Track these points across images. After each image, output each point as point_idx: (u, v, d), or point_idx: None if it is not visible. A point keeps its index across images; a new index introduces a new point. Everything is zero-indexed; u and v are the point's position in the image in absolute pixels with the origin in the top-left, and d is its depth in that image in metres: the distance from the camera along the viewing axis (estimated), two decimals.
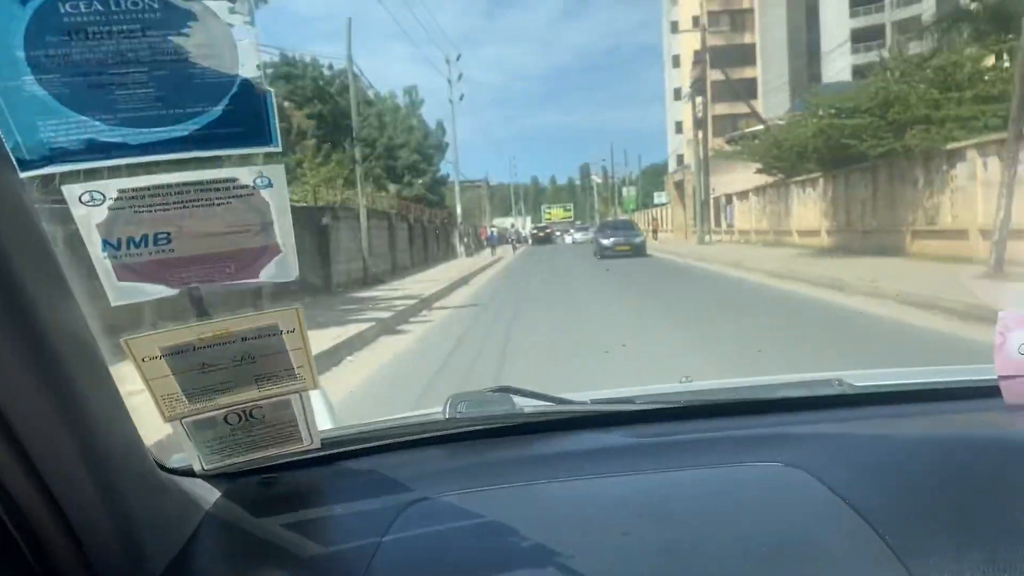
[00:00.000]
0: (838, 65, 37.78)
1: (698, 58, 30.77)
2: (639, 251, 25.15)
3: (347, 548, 0.82)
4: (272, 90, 0.61)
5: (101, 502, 0.69)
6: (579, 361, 6.30)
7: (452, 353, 7.14)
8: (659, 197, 54.74)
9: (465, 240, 35.46)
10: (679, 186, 41.35)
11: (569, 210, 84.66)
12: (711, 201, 31.69)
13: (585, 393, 1.28)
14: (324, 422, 1.19)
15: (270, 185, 0.69)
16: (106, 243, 0.67)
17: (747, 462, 0.98)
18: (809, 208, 21.95)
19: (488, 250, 35.82)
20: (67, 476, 0.65)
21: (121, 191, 0.64)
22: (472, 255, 34.22)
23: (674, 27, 54.85)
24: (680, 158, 52.94)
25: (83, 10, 0.52)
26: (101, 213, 0.65)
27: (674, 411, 1.14)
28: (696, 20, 36.69)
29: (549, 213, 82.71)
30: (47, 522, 0.67)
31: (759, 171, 23.82)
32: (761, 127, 25.82)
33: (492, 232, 40.61)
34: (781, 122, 22.49)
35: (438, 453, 1.07)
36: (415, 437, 1.09)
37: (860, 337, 7.20)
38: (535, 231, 59.22)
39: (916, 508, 0.83)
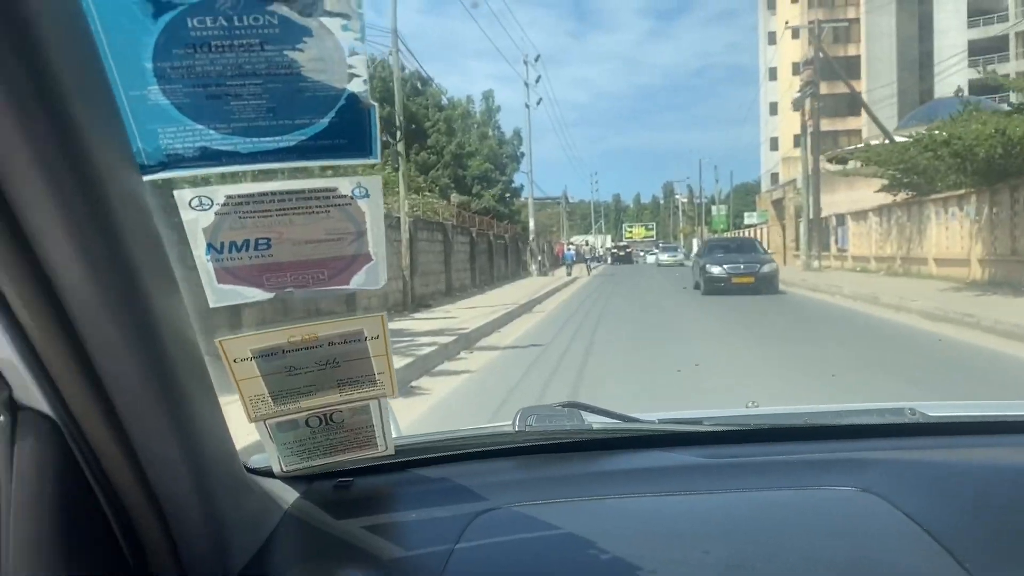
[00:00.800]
0: (954, 79, 35.86)
1: (804, 65, 29.18)
2: (767, 285, 17.14)
3: (422, 553, 0.85)
4: (375, 104, 0.64)
5: (196, 500, 0.74)
6: None
7: None
8: (750, 217, 53.07)
9: (539, 258, 34.37)
10: (777, 204, 39.78)
11: (651, 229, 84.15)
12: (819, 221, 28.04)
13: (652, 413, 1.32)
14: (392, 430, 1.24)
15: (367, 195, 0.73)
16: (210, 246, 0.72)
17: (820, 485, 1.00)
18: (952, 231, 18.25)
19: (564, 269, 34.89)
20: (170, 476, 0.71)
21: (228, 197, 0.69)
22: (546, 274, 33.39)
23: (771, 38, 53.77)
24: (775, 176, 51.50)
25: (209, 25, 0.57)
26: (208, 218, 0.70)
27: (743, 433, 1.18)
28: (795, 31, 35.63)
29: (630, 231, 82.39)
30: (147, 518, 0.73)
31: (883, 188, 20.81)
32: (876, 141, 22.72)
33: (569, 250, 39.55)
34: (905, 137, 18.09)
35: (507, 465, 1.12)
36: (485, 448, 1.13)
37: None
38: (615, 249, 58.67)
39: (993, 534, 0.85)
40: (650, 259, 54.46)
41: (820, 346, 8.90)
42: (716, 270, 17.37)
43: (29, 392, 0.65)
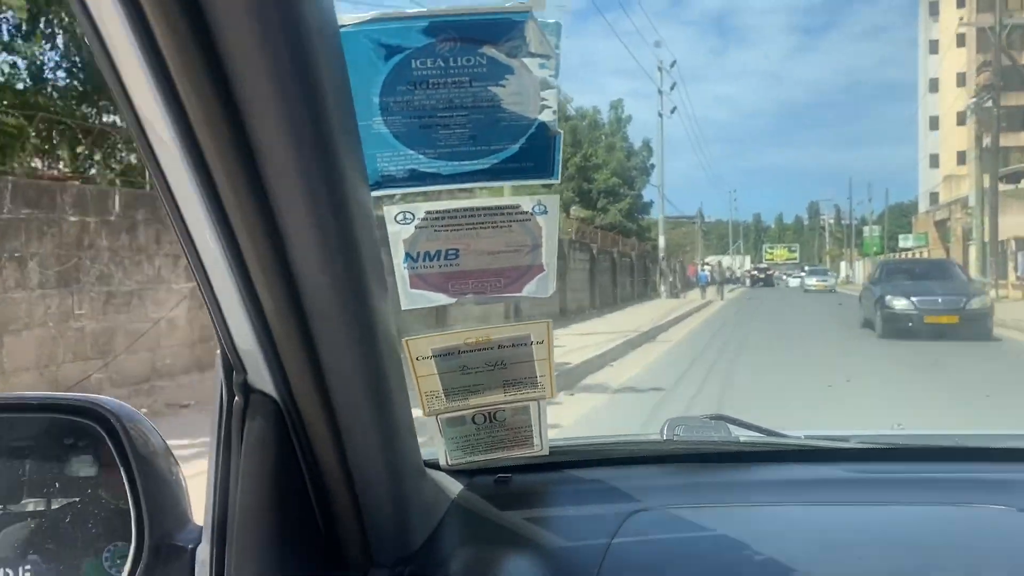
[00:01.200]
0: None
1: (981, 68, 26.62)
2: (977, 327, 12.71)
3: (581, 545, 0.93)
4: (561, 132, 0.73)
5: (386, 484, 0.85)
6: None
7: None
8: (905, 240, 49.34)
9: (670, 279, 33.01)
10: (940, 226, 36.72)
11: (794, 251, 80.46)
12: (997, 245, 24.79)
13: (798, 431, 1.34)
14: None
15: (545, 212, 0.82)
16: (407, 256, 0.83)
17: (973, 503, 1.01)
18: None
19: (696, 291, 33.19)
20: (367, 461, 0.82)
21: (428, 212, 0.80)
22: (676, 296, 32.02)
23: (932, 47, 50.36)
24: (934, 196, 47.79)
25: (429, 66, 0.67)
26: (408, 231, 0.81)
27: (891, 451, 1.18)
28: (961, 38, 33.03)
29: (771, 253, 79.10)
30: (342, 496, 0.84)
31: None
32: None
33: (703, 271, 37.13)
34: None
35: (654, 471, 1.20)
36: (634, 454, 1.20)
37: None
38: (755, 271, 56.46)
39: None
40: (793, 283, 51.40)
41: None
42: (900, 304, 13.09)
43: (261, 377, 0.78)
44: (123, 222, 7.52)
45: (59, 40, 9.50)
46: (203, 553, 0.82)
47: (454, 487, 1.10)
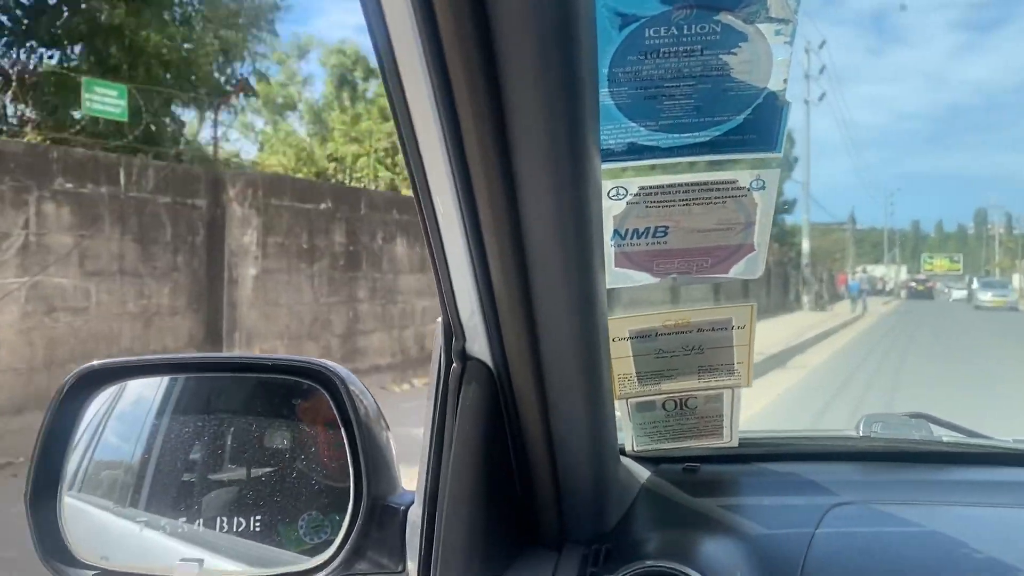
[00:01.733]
0: None
1: None
2: None
3: (782, 534, 0.91)
4: (790, 102, 0.72)
5: (586, 463, 0.87)
6: None
7: None
8: None
9: (815, 288, 30.04)
10: None
11: (957, 261, 73.72)
12: None
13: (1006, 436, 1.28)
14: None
15: (763, 187, 0.81)
16: (616, 232, 0.85)
17: None
18: None
19: (848, 303, 29.11)
20: (571, 437, 0.84)
21: (641, 188, 0.81)
22: (823, 308, 29.22)
23: None
24: None
25: (662, 34, 0.68)
26: (620, 206, 0.82)
27: None
28: None
29: (931, 263, 72.94)
30: (543, 470, 0.87)
31: None
32: None
33: (854, 280, 32.97)
34: None
35: (851, 467, 1.17)
36: (828, 450, 1.16)
37: None
38: (912, 283, 52.33)
39: None
40: (956, 295, 47.31)
41: None
42: None
43: (479, 345, 0.81)
44: None
45: None
46: (414, 514, 0.87)
47: (642, 472, 1.11)
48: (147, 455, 1.18)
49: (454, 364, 0.83)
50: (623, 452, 1.12)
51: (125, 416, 1.21)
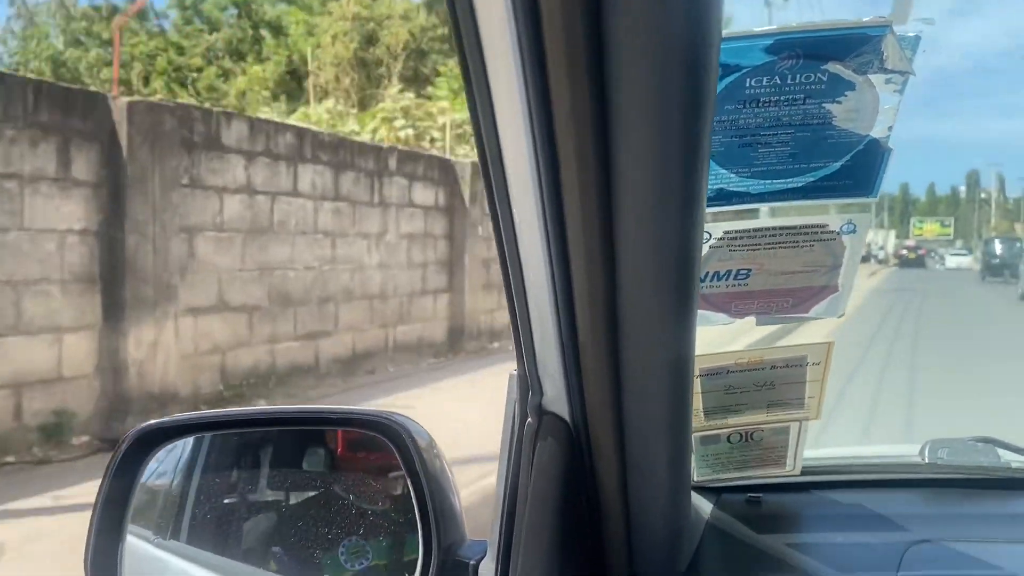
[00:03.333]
0: None
1: None
2: None
3: None
4: (892, 148, 0.69)
5: (660, 508, 0.84)
6: None
7: None
8: None
9: None
10: None
11: (947, 226, 72.34)
12: None
13: None
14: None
15: (854, 231, 0.78)
16: None
17: None
18: None
19: None
20: (646, 483, 0.81)
21: (726, 232, 0.78)
22: None
23: None
24: None
25: (764, 84, 0.65)
26: (703, 250, 0.79)
27: None
28: None
29: (920, 228, 71.48)
30: (615, 518, 0.84)
31: None
32: None
33: None
34: None
35: (918, 496, 1.14)
36: (893, 477, 1.14)
37: None
38: (904, 250, 48.12)
39: None
40: (951, 263, 44.96)
41: None
42: None
43: (557, 399, 0.78)
44: None
45: None
46: (486, 570, 0.85)
47: (705, 506, 1.09)
48: (184, 495, 1.16)
49: (529, 419, 0.81)
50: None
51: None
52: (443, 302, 10.40)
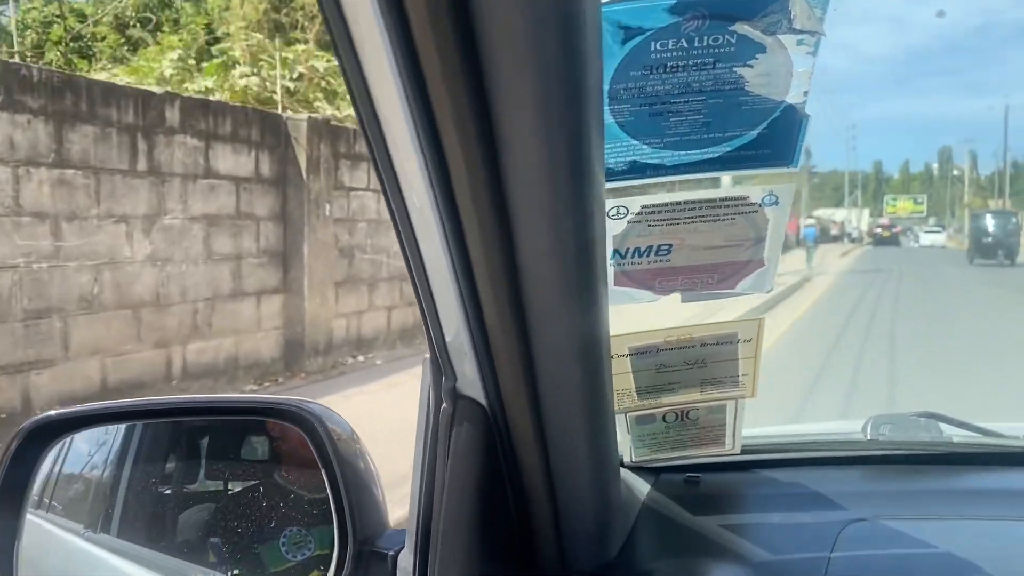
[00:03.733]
0: None
1: None
2: None
3: (797, 558, 0.87)
4: (810, 115, 0.65)
5: (587, 489, 0.81)
6: None
7: None
8: None
9: None
10: None
11: (920, 202, 72.27)
12: None
13: (1018, 425, 1.24)
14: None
15: (776, 203, 0.75)
16: (615, 252, 0.78)
17: None
18: None
19: (803, 255, 21.02)
20: (569, 465, 0.79)
21: (643, 207, 0.74)
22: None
23: None
24: None
25: (670, 48, 0.61)
26: (620, 225, 0.76)
27: None
28: None
29: (894, 205, 71.25)
30: (540, 501, 0.82)
31: None
32: None
33: (808, 227, 24.78)
34: None
35: (858, 474, 1.12)
36: (834, 455, 1.12)
37: None
38: (878, 228, 46.84)
39: None
40: (925, 240, 43.87)
41: None
42: None
43: (471, 383, 0.75)
44: None
45: None
46: (405, 560, 0.82)
47: (642, 486, 1.06)
48: (115, 488, 1.11)
49: (444, 404, 0.77)
50: (622, 464, 1.07)
51: (88, 444, 1.13)
52: (273, 306, 7.58)
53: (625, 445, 1.04)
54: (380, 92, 0.58)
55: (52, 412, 0.83)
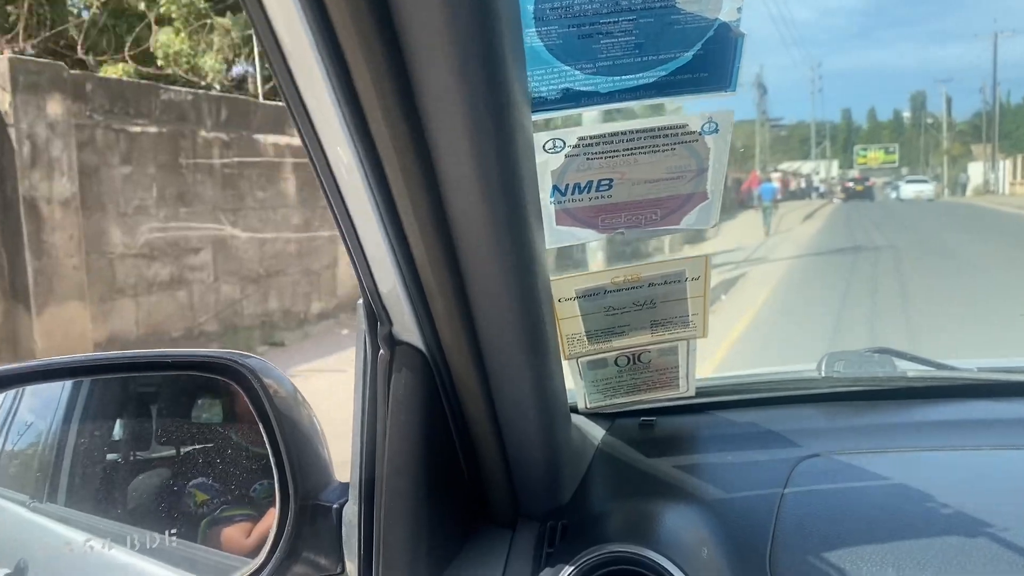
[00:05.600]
0: None
1: None
2: None
3: (750, 495, 0.87)
4: (745, 33, 0.62)
5: (536, 435, 0.80)
6: None
7: None
8: None
9: None
10: None
11: (892, 152, 69.47)
12: None
13: (970, 360, 1.25)
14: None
15: (716, 130, 0.72)
16: (555, 189, 0.75)
17: None
18: None
19: (757, 218, 17.72)
20: (516, 410, 0.77)
21: (580, 139, 0.71)
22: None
23: None
24: None
25: None
26: (558, 160, 0.73)
27: None
28: None
29: (864, 156, 68.46)
30: (489, 447, 0.80)
31: None
32: None
33: (769, 182, 20.47)
34: None
35: (813, 411, 1.12)
36: (789, 394, 1.12)
37: None
38: (850, 183, 42.83)
39: None
40: (906, 193, 40.10)
41: None
42: None
43: (407, 328, 0.73)
44: None
45: None
46: (350, 512, 0.80)
47: (596, 432, 1.05)
48: (60, 455, 1.08)
49: (381, 351, 0.75)
50: (575, 411, 1.06)
51: (31, 414, 1.09)
52: None
53: (580, 392, 1.03)
54: (292, 45, 0.54)
55: None
